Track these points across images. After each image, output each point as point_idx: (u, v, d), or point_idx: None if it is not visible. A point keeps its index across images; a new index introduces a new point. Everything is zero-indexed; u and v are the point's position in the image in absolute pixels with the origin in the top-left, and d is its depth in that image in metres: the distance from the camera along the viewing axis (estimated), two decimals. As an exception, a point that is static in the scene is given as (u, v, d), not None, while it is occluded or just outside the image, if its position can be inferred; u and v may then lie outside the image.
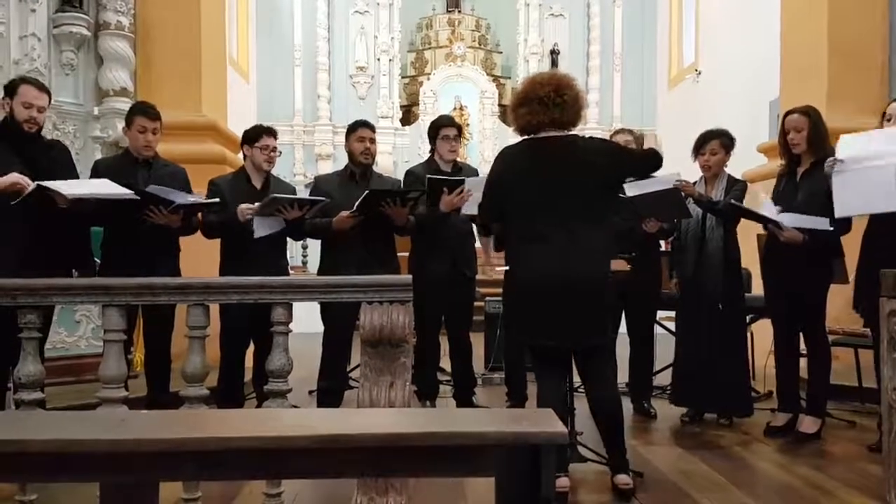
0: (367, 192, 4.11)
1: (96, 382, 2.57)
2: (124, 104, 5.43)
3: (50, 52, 5.36)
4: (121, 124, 5.03)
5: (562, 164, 3.09)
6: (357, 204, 4.11)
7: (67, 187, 3.43)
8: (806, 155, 4.09)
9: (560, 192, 3.06)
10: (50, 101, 3.74)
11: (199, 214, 4.01)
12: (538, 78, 3.20)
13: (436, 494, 3.10)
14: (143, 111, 3.95)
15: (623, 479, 3.15)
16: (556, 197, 3.06)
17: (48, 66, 5.31)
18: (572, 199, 3.06)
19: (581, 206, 3.07)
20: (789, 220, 3.97)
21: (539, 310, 3.07)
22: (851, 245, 4.02)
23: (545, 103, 3.08)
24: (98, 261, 3.96)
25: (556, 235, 3.03)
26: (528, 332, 3.17)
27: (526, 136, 3.19)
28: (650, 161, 3.31)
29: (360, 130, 4.47)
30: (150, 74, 5.93)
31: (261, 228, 4.03)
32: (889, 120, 3.83)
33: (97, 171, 3.90)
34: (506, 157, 3.24)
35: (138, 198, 3.61)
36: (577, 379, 3.38)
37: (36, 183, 3.36)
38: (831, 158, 3.79)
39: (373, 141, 4.50)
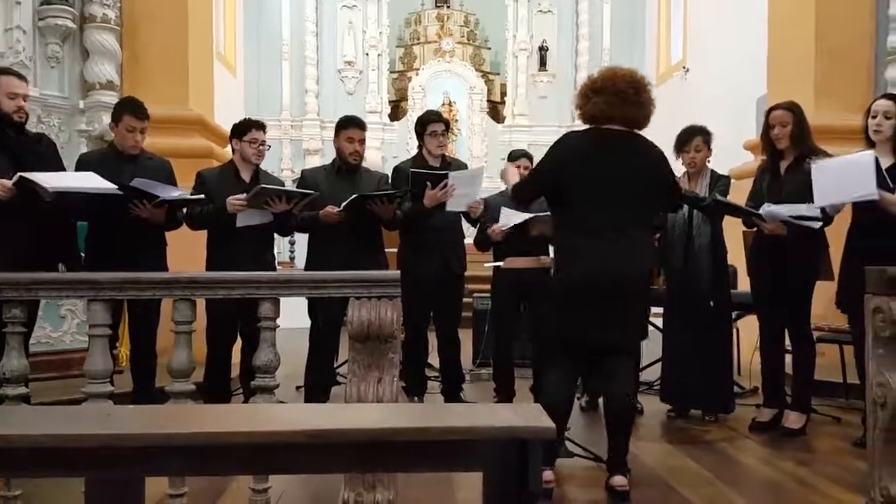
0: (353, 196, 4.11)
1: (82, 377, 2.55)
2: (110, 98, 5.39)
3: (35, 45, 5.30)
4: (107, 118, 4.99)
5: (627, 159, 3.10)
6: (344, 205, 4.13)
7: (50, 180, 3.40)
8: (789, 150, 4.12)
9: (620, 186, 3.05)
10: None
11: (185, 208, 4.00)
12: (620, 72, 3.17)
13: (424, 489, 3.10)
14: (132, 111, 3.88)
15: (619, 480, 3.10)
16: (615, 191, 3.05)
17: (33, 59, 5.25)
18: (630, 195, 3.06)
19: (636, 204, 3.08)
20: (786, 210, 3.96)
21: (584, 305, 3.04)
22: (836, 242, 4.05)
23: (623, 98, 3.07)
24: (83, 255, 3.93)
25: (611, 231, 3.02)
26: (565, 325, 3.12)
27: (590, 126, 3.18)
28: (677, 202, 3.33)
29: (350, 130, 4.41)
30: (137, 68, 5.88)
31: (244, 218, 4.01)
32: (874, 117, 3.86)
33: (82, 166, 3.87)
34: (570, 143, 3.22)
35: (121, 192, 3.59)
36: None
37: (19, 174, 3.33)
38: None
39: (362, 142, 4.45)
